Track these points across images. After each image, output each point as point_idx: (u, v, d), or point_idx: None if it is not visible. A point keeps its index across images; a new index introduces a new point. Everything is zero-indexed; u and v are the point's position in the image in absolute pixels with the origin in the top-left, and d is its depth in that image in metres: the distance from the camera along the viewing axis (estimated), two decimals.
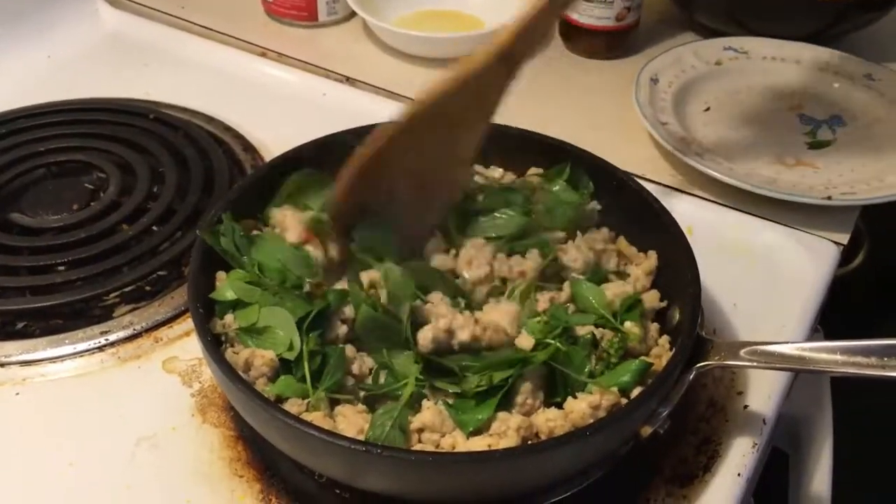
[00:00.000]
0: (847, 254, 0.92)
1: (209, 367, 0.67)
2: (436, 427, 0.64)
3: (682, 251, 0.73)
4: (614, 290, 0.74)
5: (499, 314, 0.71)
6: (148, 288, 0.86)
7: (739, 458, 0.71)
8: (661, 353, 0.70)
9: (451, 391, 0.66)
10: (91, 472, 0.70)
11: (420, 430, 0.65)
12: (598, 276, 0.76)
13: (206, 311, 0.69)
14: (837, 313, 0.91)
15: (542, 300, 0.74)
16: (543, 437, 0.64)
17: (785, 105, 1.11)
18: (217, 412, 0.74)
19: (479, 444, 0.63)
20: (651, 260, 0.77)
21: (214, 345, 0.66)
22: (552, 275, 0.76)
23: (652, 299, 0.74)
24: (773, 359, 0.66)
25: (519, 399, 0.66)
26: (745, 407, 0.75)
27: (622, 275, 0.78)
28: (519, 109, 1.13)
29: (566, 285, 0.75)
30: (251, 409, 0.62)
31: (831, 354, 0.64)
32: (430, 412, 0.65)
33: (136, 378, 0.78)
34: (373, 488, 0.64)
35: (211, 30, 1.26)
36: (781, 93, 1.13)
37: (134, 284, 0.86)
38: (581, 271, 0.76)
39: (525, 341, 0.69)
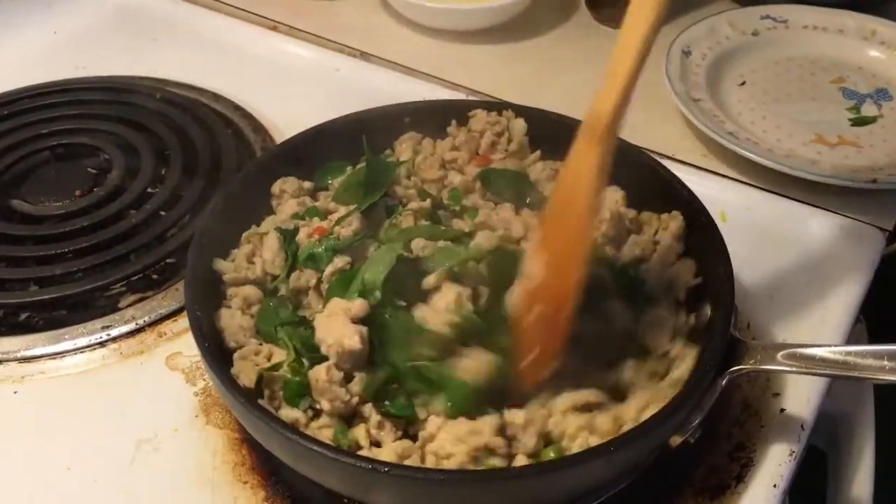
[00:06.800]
0: (891, 235, 0.86)
1: (209, 378, 0.63)
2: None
3: (714, 245, 0.68)
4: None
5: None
6: (155, 276, 0.83)
7: (775, 467, 0.66)
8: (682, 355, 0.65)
9: None
10: (88, 477, 0.67)
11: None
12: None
13: (204, 314, 0.65)
14: (880, 299, 0.86)
15: None
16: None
17: (826, 78, 1.05)
18: (221, 412, 0.71)
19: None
20: (676, 220, 0.72)
21: (214, 352, 0.63)
22: None
23: (687, 272, 0.70)
24: (814, 364, 0.61)
25: None
26: (782, 410, 0.70)
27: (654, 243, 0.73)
28: (542, 86, 1.08)
29: None
30: (252, 423, 0.59)
31: (878, 360, 0.59)
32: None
33: (139, 375, 0.74)
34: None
35: (221, 2, 1.21)
36: (823, 65, 1.06)
37: (141, 273, 0.82)
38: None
39: None
